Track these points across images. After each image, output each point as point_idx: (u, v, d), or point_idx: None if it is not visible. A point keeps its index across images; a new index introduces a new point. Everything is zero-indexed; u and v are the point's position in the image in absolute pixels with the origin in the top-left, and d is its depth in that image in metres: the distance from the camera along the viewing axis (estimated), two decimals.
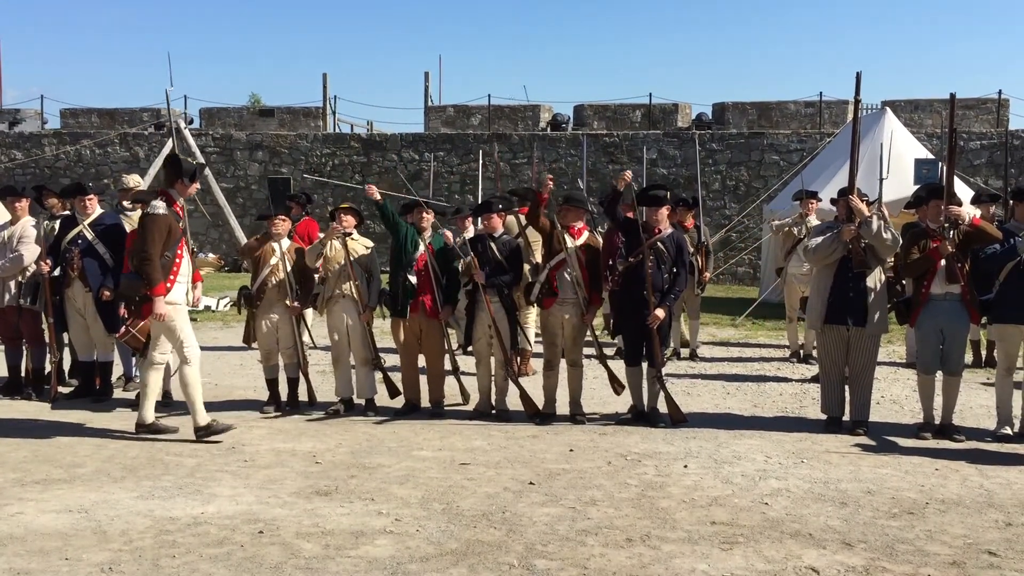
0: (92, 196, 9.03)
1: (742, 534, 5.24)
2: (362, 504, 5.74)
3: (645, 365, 8.08)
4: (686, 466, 6.66)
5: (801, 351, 11.48)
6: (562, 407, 8.29)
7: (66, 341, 9.37)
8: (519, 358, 9.08)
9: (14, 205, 9.02)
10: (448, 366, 8.62)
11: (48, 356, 9.04)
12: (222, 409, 8.36)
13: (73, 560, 4.78)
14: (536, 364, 9.46)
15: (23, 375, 9.18)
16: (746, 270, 23.17)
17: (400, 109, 66.19)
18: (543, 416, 8.13)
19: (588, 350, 8.46)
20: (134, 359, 9.21)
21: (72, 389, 9.23)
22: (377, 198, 8.27)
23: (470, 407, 8.58)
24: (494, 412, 8.33)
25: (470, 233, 9.56)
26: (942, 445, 7.40)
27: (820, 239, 7.81)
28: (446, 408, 8.46)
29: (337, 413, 8.38)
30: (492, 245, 8.30)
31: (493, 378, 8.37)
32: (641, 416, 8.11)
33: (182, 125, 20.56)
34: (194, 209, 21.32)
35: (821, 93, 24.70)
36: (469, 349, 8.47)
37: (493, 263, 8.22)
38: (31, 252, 8.79)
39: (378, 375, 8.54)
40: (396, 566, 4.73)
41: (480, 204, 8.93)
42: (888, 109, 17.67)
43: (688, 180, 22.24)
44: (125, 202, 9.97)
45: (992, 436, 7.63)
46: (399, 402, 8.53)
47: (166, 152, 19.48)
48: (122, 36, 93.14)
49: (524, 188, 11.19)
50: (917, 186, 10.67)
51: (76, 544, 5.00)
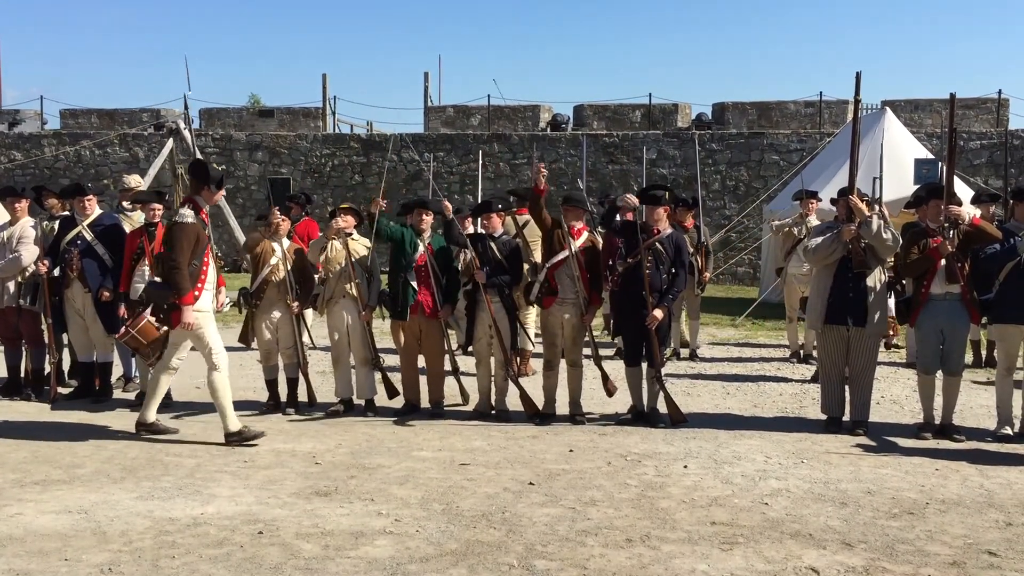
0: (91, 197, 9.03)
1: (742, 534, 5.23)
2: (362, 504, 5.74)
3: (645, 365, 8.08)
4: (686, 466, 6.66)
5: (801, 351, 11.48)
6: (562, 407, 8.29)
7: (65, 342, 9.38)
8: (519, 358, 9.08)
9: (13, 206, 9.01)
10: (448, 366, 8.62)
11: (47, 357, 9.04)
12: None
13: (73, 561, 4.78)
14: (536, 364, 9.46)
15: (23, 376, 9.19)
16: (746, 270, 23.17)
17: (400, 109, 66.26)
18: (543, 416, 8.13)
19: (588, 350, 8.46)
20: (133, 360, 9.21)
21: (71, 390, 9.23)
22: (372, 210, 8.21)
23: (470, 407, 8.58)
24: (494, 412, 8.33)
25: (469, 231, 9.55)
26: (942, 445, 7.40)
27: (820, 239, 7.81)
28: (446, 408, 8.46)
29: (337, 414, 8.38)
30: (492, 245, 8.30)
31: (493, 378, 8.37)
32: (641, 416, 8.11)
33: (181, 126, 20.51)
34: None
35: (821, 93, 24.73)
36: (469, 349, 8.46)
37: (493, 263, 8.22)
38: (30, 253, 8.79)
39: (377, 375, 8.54)
40: (396, 567, 4.73)
41: (480, 204, 8.93)
42: (888, 109, 17.67)
43: (688, 180, 22.23)
44: (125, 203, 9.98)
45: (992, 436, 7.63)
46: (399, 403, 8.53)
47: (165, 153, 19.46)
48: (122, 37, 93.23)
49: (523, 188, 11.19)
50: (917, 186, 10.66)
51: (76, 545, 5.00)
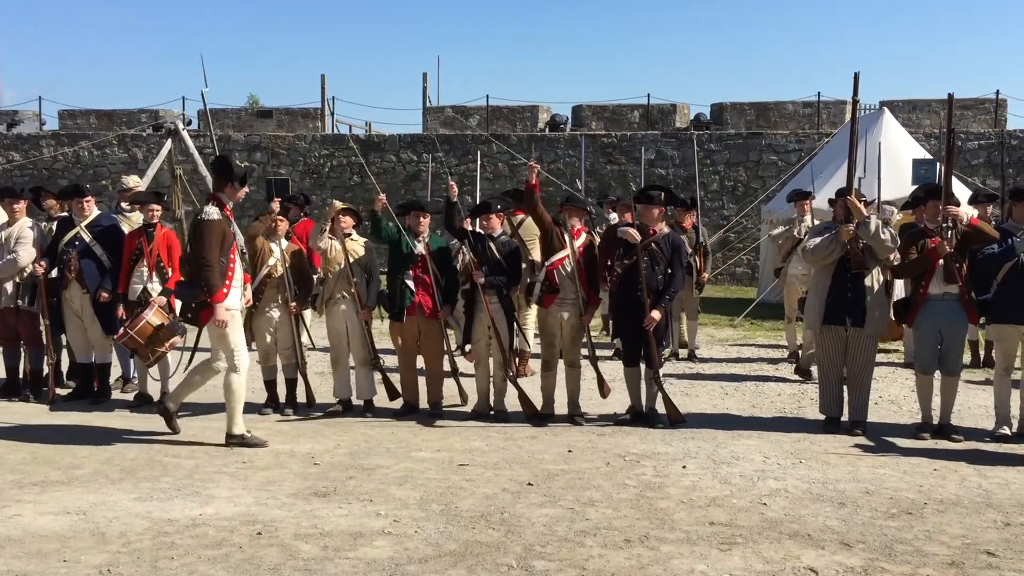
0: (90, 198, 9.02)
1: (740, 535, 5.24)
2: (360, 505, 5.74)
3: (643, 366, 8.08)
4: (684, 467, 6.66)
5: (799, 352, 11.43)
6: (560, 408, 8.29)
7: (64, 343, 9.37)
8: (517, 359, 9.08)
9: (12, 207, 9.01)
10: (447, 367, 8.62)
11: (46, 358, 9.04)
12: (220, 410, 8.36)
13: (71, 562, 4.78)
14: (534, 365, 9.46)
15: (21, 377, 9.19)
16: (744, 270, 23.17)
17: (399, 110, 66.26)
18: (541, 417, 8.13)
19: (585, 350, 8.46)
20: (132, 361, 9.21)
21: (70, 391, 9.23)
22: (376, 209, 8.21)
23: (468, 408, 8.58)
24: (492, 413, 8.33)
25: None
26: (940, 445, 7.41)
27: (818, 240, 7.82)
28: (444, 409, 8.46)
29: (336, 414, 8.38)
30: (491, 245, 8.31)
31: (491, 379, 8.37)
32: (639, 417, 8.11)
33: (180, 126, 20.47)
34: (192, 210, 21.38)
35: (819, 93, 24.72)
36: (467, 349, 8.45)
37: (491, 263, 8.23)
38: (27, 254, 8.78)
39: (377, 376, 8.55)
40: (394, 567, 4.73)
41: (479, 205, 8.94)
42: (886, 109, 17.68)
43: (686, 180, 22.24)
44: (124, 203, 9.98)
45: (990, 436, 7.64)
46: (397, 403, 8.53)
47: (164, 153, 19.43)
48: (120, 37, 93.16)
49: (515, 190, 11.20)
50: (915, 186, 10.68)
51: (74, 546, 5.00)
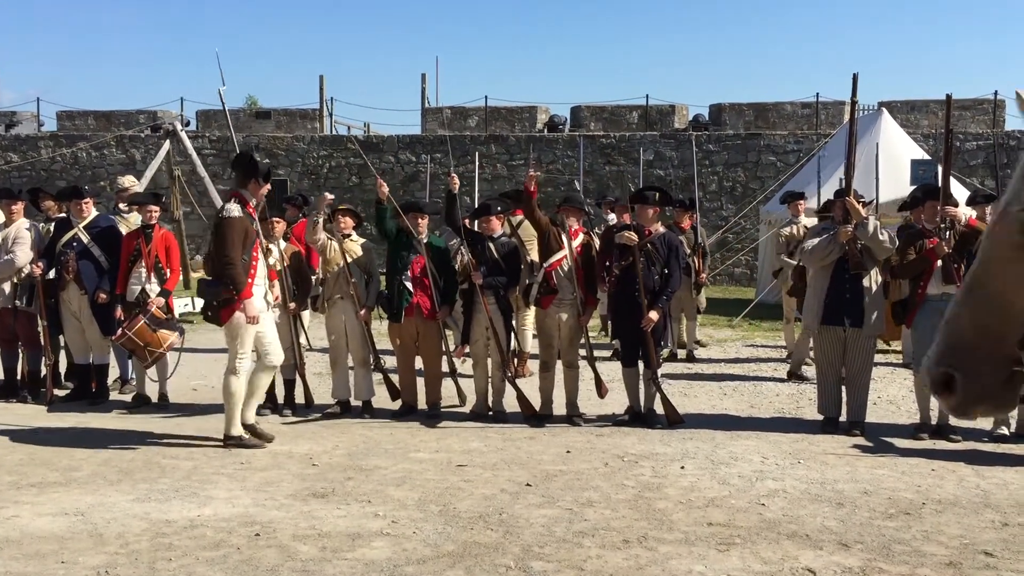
0: (88, 199, 9.02)
1: (739, 535, 5.24)
2: (359, 506, 5.74)
3: (641, 366, 8.08)
4: (683, 467, 6.66)
5: (794, 358, 11.41)
6: (559, 408, 8.29)
7: (62, 344, 9.36)
8: (516, 359, 9.08)
9: (9, 208, 8.99)
10: (445, 368, 8.62)
11: (43, 359, 9.03)
12: (219, 411, 8.35)
13: (69, 563, 4.77)
14: (533, 366, 9.46)
15: (19, 378, 9.18)
16: (743, 271, 23.17)
17: (397, 111, 66.28)
18: (540, 418, 8.13)
19: (583, 351, 8.46)
20: (130, 362, 9.20)
21: (68, 392, 9.22)
22: (385, 191, 8.25)
23: (467, 409, 8.58)
24: (491, 414, 8.33)
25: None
26: (939, 446, 7.41)
27: (817, 240, 7.82)
28: (443, 410, 8.46)
29: (334, 415, 8.37)
30: (491, 246, 8.31)
31: (490, 380, 8.37)
32: (638, 417, 8.11)
33: (178, 127, 20.48)
34: (190, 211, 21.34)
35: (818, 94, 24.73)
36: (466, 350, 8.45)
37: (490, 263, 8.23)
38: (24, 254, 8.77)
39: (378, 377, 8.55)
40: (393, 568, 4.73)
41: (479, 207, 8.95)
42: (884, 110, 17.68)
43: (685, 181, 22.24)
44: (121, 204, 9.97)
45: (988, 436, 7.64)
46: (396, 404, 8.52)
47: (162, 154, 19.43)
48: (118, 38, 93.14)
49: (514, 190, 11.22)
50: (913, 187, 10.68)
51: (72, 547, 4.99)
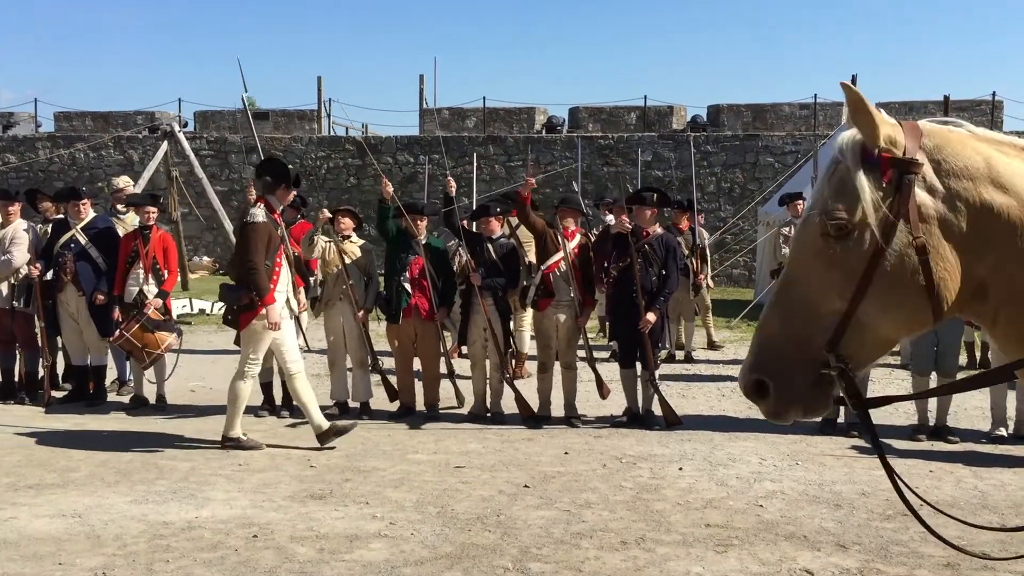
0: (85, 200, 9.02)
1: (737, 536, 5.24)
2: (356, 508, 5.73)
3: (639, 367, 8.09)
4: (681, 469, 6.66)
5: None
6: (557, 410, 8.29)
7: (59, 345, 9.35)
8: (514, 361, 9.08)
9: (7, 209, 8.98)
10: (443, 369, 8.62)
11: (41, 360, 9.02)
12: (217, 413, 8.35)
13: (67, 565, 4.77)
14: (531, 367, 9.46)
15: (16, 379, 9.17)
16: (741, 272, 23.18)
17: (395, 112, 66.27)
18: (538, 419, 8.13)
19: (581, 352, 8.46)
20: (128, 363, 9.19)
21: (65, 393, 9.21)
22: (389, 191, 8.26)
23: (465, 410, 8.58)
24: (489, 415, 8.33)
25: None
26: (937, 447, 7.41)
27: None
28: (441, 411, 8.46)
29: (332, 417, 8.35)
30: (489, 247, 8.32)
31: (488, 381, 8.37)
32: (636, 418, 8.11)
33: (176, 128, 20.46)
34: (188, 212, 21.33)
35: (815, 95, 24.70)
36: (463, 351, 8.46)
37: (489, 264, 8.24)
38: (21, 255, 8.76)
39: (376, 378, 8.54)
40: (391, 570, 4.72)
41: (478, 208, 8.96)
42: (882, 111, 17.69)
43: (683, 182, 22.22)
44: (119, 205, 9.97)
45: (986, 438, 7.64)
46: (394, 405, 8.52)
47: (160, 156, 19.41)
48: (117, 39, 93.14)
49: (514, 192, 11.24)
50: None
51: (70, 549, 4.99)
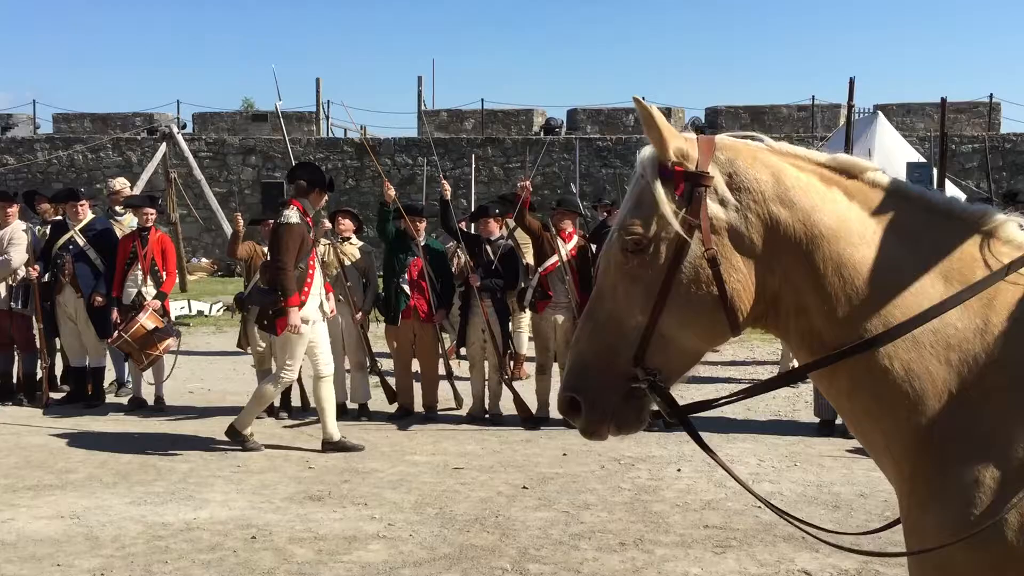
0: (84, 202, 9.01)
1: (735, 538, 5.24)
2: (355, 509, 5.73)
3: None
4: (679, 470, 6.67)
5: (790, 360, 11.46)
6: (555, 411, 8.28)
7: (58, 346, 9.35)
8: (512, 362, 9.08)
9: (5, 211, 8.98)
10: (442, 371, 8.62)
11: (39, 361, 9.02)
12: (215, 414, 8.37)
13: (65, 566, 4.77)
14: (529, 368, 9.46)
15: (15, 380, 9.16)
16: None
17: (394, 113, 66.39)
18: (536, 420, 8.13)
19: None
20: (126, 364, 9.19)
21: (64, 395, 9.20)
22: (392, 194, 8.26)
23: (463, 411, 8.58)
24: (487, 416, 8.33)
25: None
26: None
27: None
28: (439, 412, 8.45)
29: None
30: (488, 248, 8.33)
31: (486, 382, 8.37)
32: None
33: (175, 130, 20.50)
34: (186, 214, 21.34)
35: (813, 97, 24.75)
36: (462, 352, 8.47)
37: (487, 265, 8.25)
38: (19, 256, 8.75)
39: (375, 380, 8.54)
40: (389, 571, 4.73)
41: (477, 209, 8.98)
42: (880, 113, 17.70)
43: None
44: (117, 207, 9.97)
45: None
46: (392, 407, 8.52)
47: (159, 157, 19.44)
48: (115, 41, 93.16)
49: (510, 194, 11.26)
50: None
51: (68, 550, 4.99)
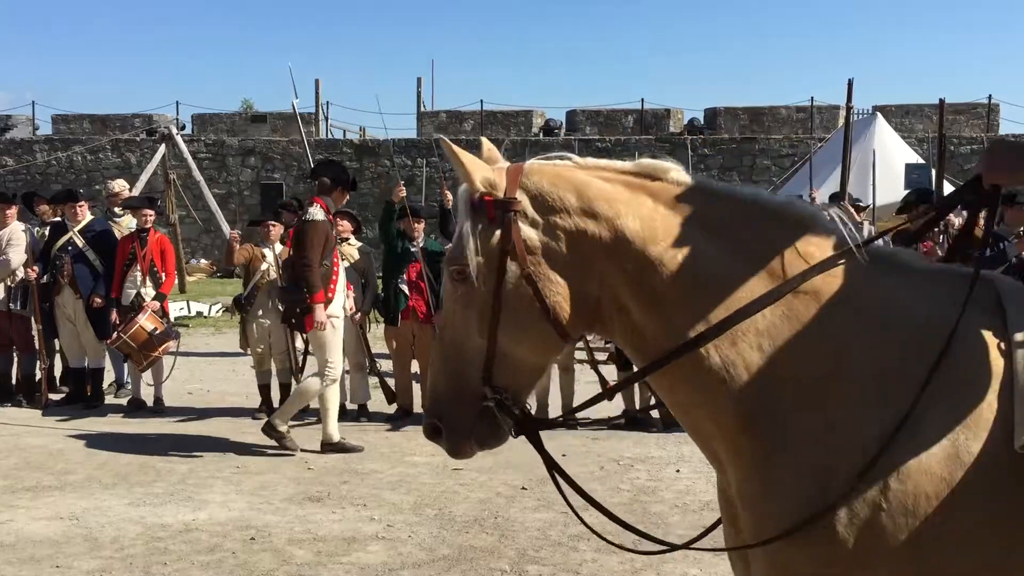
0: (83, 203, 9.01)
1: None
2: (354, 510, 5.73)
3: None
4: (678, 470, 6.67)
5: None
6: (555, 411, 8.28)
7: (57, 348, 9.35)
8: None
9: (4, 212, 8.98)
10: None
11: (38, 363, 9.01)
12: (214, 416, 8.36)
13: (64, 568, 4.77)
14: None
15: (14, 382, 9.15)
16: None
17: (393, 115, 66.43)
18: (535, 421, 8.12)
19: (580, 354, 8.45)
20: (125, 366, 9.19)
21: (63, 396, 9.20)
22: (402, 195, 8.30)
23: None
24: None
25: None
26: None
27: None
28: None
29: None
30: None
31: None
32: (633, 420, 8.11)
33: (174, 131, 20.50)
34: (185, 215, 21.34)
35: (812, 98, 24.80)
36: None
37: None
38: (18, 256, 8.75)
39: (374, 381, 8.54)
40: (388, 572, 4.73)
41: None
42: (879, 114, 17.74)
43: None
44: (116, 208, 9.97)
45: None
46: (391, 408, 8.51)
47: (158, 158, 19.43)
48: (115, 42, 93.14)
49: None
50: (907, 191, 10.71)
51: (67, 551, 4.99)
